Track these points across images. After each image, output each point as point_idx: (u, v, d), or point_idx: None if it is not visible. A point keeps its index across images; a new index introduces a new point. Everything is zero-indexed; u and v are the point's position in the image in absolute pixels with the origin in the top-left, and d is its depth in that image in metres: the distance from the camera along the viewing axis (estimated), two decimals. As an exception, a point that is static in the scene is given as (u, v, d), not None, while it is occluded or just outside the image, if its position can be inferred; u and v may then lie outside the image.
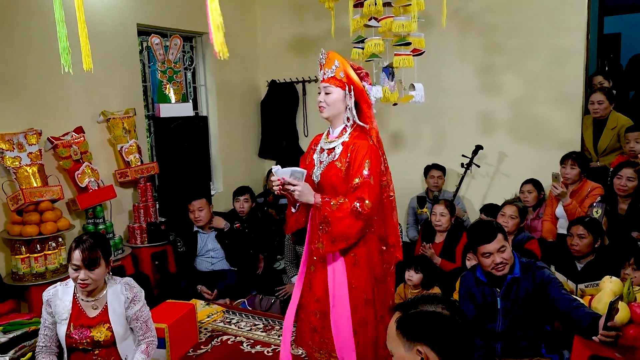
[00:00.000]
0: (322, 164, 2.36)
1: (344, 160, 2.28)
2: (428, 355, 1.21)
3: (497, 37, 4.52)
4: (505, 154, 4.65)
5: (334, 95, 2.30)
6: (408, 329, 1.25)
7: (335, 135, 2.37)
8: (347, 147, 2.29)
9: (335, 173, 2.30)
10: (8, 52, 3.43)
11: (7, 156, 3.36)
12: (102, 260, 2.24)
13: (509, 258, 2.40)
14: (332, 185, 2.31)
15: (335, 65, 2.28)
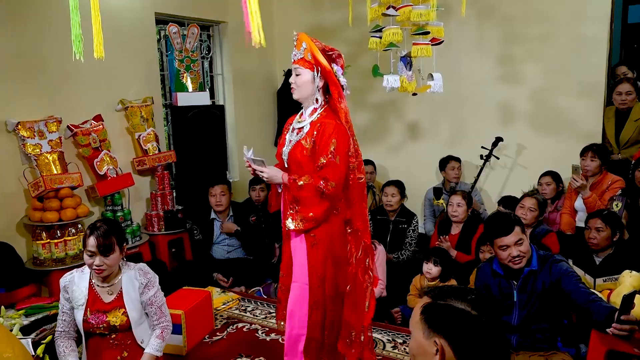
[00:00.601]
0: (290, 142, 2.42)
1: (309, 139, 2.33)
2: (444, 349, 1.21)
3: (518, 26, 4.43)
4: (524, 145, 4.59)
5: (303, 76, 2.34)
6: (432, 319, 1.25)
7: (306, 116, 2.41)
8: (314, 126, 2.33)
9: (300, 151, 2.34)
10: (30, 40, 3.47)
11: (28, 143, 3.42)
12: (117, 246, 2.27)
13: (526, 251, 2.37)
14: (299, 163, 2.36)
15: (303, 46, 2.33)
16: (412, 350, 1.30)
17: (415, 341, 1.27)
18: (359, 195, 2.43)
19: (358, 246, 2.46)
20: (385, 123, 5.24)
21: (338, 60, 2.38)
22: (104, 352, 2.30)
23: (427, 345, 1.23)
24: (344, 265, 2.45)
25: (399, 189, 4.10)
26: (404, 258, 3.97)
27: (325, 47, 2.36)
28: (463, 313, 1.22)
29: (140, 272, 2.38)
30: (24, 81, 3.44)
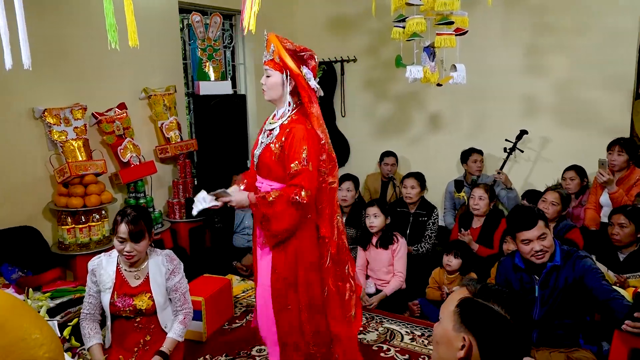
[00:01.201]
0: (261, 144, 2.36)
1: (277, 144, 2.26)
2: (472, 348, 1.21)
3: (546, 16, 4.34)
4: (548, 138, 4.50)
5: (273, 78, 2.28)
6: (467, 315, 1.24)
7: (278, 118, 2.35)
8: (283, 130, 2.27)
9: (269, 155, 2.29)
10: (57, 29, 3.53)
11: (54, 130, 3.48)
12: (146, 233, 2.32)
13: (549, 246, 2.34)
14: (267, 166, 2.31)
15: (272, 49, 2.26)
16: (437, 337, 1.31)
17: (443, 329, 1.27)
18: (328, 201, 2.34)
19: (324, 254, 2.35)
20: (407, 114, 5.20)
21: (309, 61, 2.30)
22: (128, 334, 2.36)
23: (453, 338, 1.23)
24: (317, 272, 2.36)
25: (418, 181, 4.07)
26: (424, 251, 3.95)
27: (297, 47, 2.28)
28: (499, 317, 1.22)
29: (167, 258, 2.42)
30: (50, 69, 3.50)
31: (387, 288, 3.54)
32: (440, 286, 3.40)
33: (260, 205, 2.21)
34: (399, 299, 3.52)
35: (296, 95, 2.32)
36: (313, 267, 2.34)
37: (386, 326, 3.24)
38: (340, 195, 3.96)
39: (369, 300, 3.48)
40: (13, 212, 3.37)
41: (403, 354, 2.91)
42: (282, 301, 2.34)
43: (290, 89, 2.29)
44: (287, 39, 2.30)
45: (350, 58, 5.43)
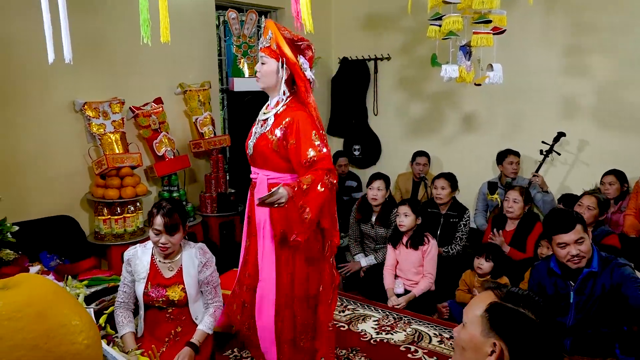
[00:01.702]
0: (255, 134, 2.35)
1: (274, 132, 2.23)
2: (503, 354, 1.19)
3: (588, 14, 4.20)
4: (587, 141, 4.37)
5: (268, 66, 2.25)
6: (497, 320, 1.21)
7: (272, 107, 2.33)
8: (280, 119, 2.23)
9: (265, 144, 2.26)
10: (97, 24, 3.62)
11: (93, 123, 3.58)
12: (181, 226, 2.36)
13: (586, 251, 2.27)
14: (263, 155, 2.29)
15: (269, 35, 2.23)
16: (462, 342, 1.27)
17: (470, 335, 1.25)
18: None
19: (325, 244, 2.37)
20: (441, 114, 5.13)
21: (306, 51, 2.25)
22: (160, 325, 2.41)
23: (482, 343, 1.21)
24: (316, 265, 2.35)
25: (449, 181, 4.01)
26: (454, 252, 3.90)
27: (295, 36, 2.24)
28: (530, 322, 1.20)
29: (200, 251, 2.46)
30: (91, 63, 3.60)
31: (416, 289, 3.51)
32: (471, 289, 3.35)
33: (297, 196, 2.09)
34: (428, 300, 3.49)
35: (290, 84, 2.29)
36: (313, 259, 2.35)
37: (414, 327, 3.21)
38: (370, 194, 3.95)
39: (397, 301, 3.46)
40: (52, 202, 3.48)
41: (431, 356, 2.88)
42: (289, 294, 2.33)
43: (286, 78, 2.26)
44: (286, 28, 2.26)
45: (384, 56, 5.40)
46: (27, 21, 3.19)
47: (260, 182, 2.35)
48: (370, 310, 3.44)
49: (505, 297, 1.25)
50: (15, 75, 3.26)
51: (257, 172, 2.36)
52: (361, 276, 3.93)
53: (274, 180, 2.30)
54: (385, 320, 3.30)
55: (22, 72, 3.28)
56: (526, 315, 1.20)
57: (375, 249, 4.03)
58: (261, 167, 2.34)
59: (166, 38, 1.41)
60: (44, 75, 3.34)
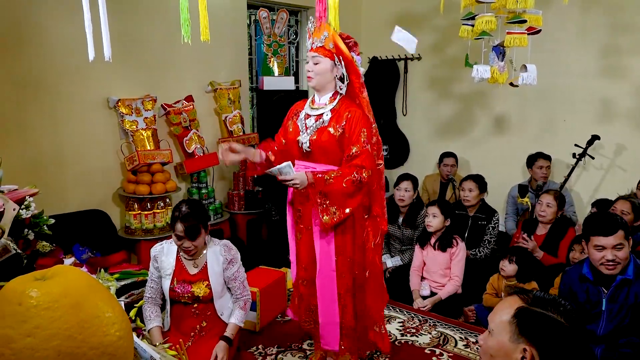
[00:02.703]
0: (308, 129, 2.35)
1: (337, 126, 2.28)
2: (534, 358, 1.16)
3: (626, 14, 4.08)
4: (624, 145, 4.24)
5: (322, 64, 2.29)
6: (526, 325, 1.19)
7: (323, 102, 2.36)
8: (340, 114, 2.29)
9: (328, 139, 2.28)
10: (131, 23, 3.70)
11: (126, 120, 3.66)
12: (202, 230, 2.38)
13: (623, 258, 2.20)
14: (324, 150, 2.31)
15: (324, 35, 2.26)
16: (491, 350, 1.25)
17: (498, 342, 1.22)
18: (377, 181, 2.43)
19: (377, 232, 2.46)
20: (471, 115, 5.06)
21: (355, 48, 2.36)
22: (186, 319, 2.45)
23: (511, 349, 1.19)
24: (363, 251, 2.44)
25: (477, 183, 3.95)
26: (482, 255, 3.84)
27: (342, 34, 2.31)
28: (559, 325, 1.17)
29: (225, 249, 2.49)
30: (125, 62, 3.68)
31: (443, 291, 3.47)
32: (498, 293, 3.29)
33: (318, 183, 2.23)
34: (454, 303, 3.44)
35: (339, 80, 2.36)
36: (361, 247, 2.42)
37: (440, 330, 3.18)
38: (397, 195, 3.93)
39: (423, 303, 3.43)
40: (85, 196, 3.57)
41: (456, 360, 2.85)
42: (349, 283, 2.39)
43: (338, 75, 2.32)
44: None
45: (414, 56, 5.35)
46: (67, 20, 3.28)
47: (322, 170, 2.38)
48: (396, 312, 3.42)
49: (532, 301, 1.23)
50: (53, 72, 3.36)
51: (314, 167, 2.36)
52: (387, 277, 3.91)
53: None
54: (411, 322, 3.28)
55: (60, 69, 3.38)
56: (555, 319, 1.18)
57: (401, 250, 4.00)
58: (318, 161, 2.36)
59: (206, 37, 1.43)
60: (81, 73, 3.43)
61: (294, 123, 2.44)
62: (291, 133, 2.43)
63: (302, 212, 2.45)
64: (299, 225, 2.48)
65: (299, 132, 2.39)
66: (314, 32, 2.31)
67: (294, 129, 2.43)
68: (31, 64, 3.26)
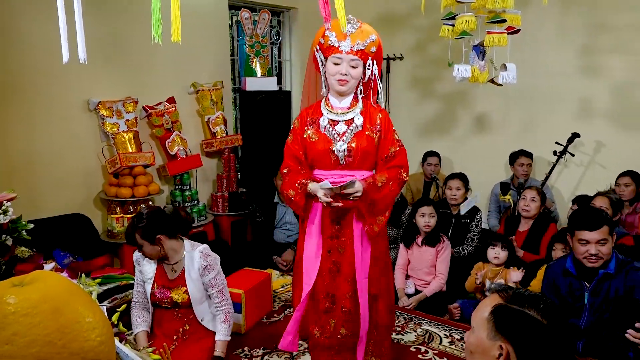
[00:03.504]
0: (344, 135, 2.23)
1: (373, 129, 2.24)
2: (509, 356, 1.17)
3: (604, 14, 4.15)
4: (602, 143, 4.32)
5: (360, 69, 2.21)
6: (502, 323, 1.20)
7: (345, 106, 2.28)
8: (371, 116, 2.25)
9: (368, 143, 2.23)
10: (111, 25, 3.65)
11: (107, 122, 3.61)
12: (143, 241, 2.31)
13: (606, 253, 2.24)
14: (366, 155, 2.25)
15: (371, 39, 2.19)
16: (471, 346, 1.27)
17: (477, 339, 1.23)
18: None
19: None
20: (453, 114, 5.10)
21: None
22: (169, 322, 2.43)
23: (489, 347, 1.20)
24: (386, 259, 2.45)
25: (463, 182, 3.99)
26: (465, 253, 3.87)
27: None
28: (536, 323, 1.18)
29: (200, 255, 2.42)
30: (105, 63, 3.63)
31: (428, 289, 3.50)
32: (483, 281, 3.30)
33: (370, 191, 2.17)
34: (439, 301, 3.47)
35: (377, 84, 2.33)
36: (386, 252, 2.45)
37: (425, 328, 3.20)
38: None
39: (408, 301, 3.45)
40: (66, 200, 3.52)
41: (441, 357, 2.87)
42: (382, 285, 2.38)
43: (364, 79, 2.28)
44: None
45: (396, 56, 5.38)
46: (44, 20, 3.23)
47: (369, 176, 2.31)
48: (381, 311, 3.43)
49: (511, 298, 1.23)
50: (31, 74, 3.30)
51: (350, 175, 2.23)
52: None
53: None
54: (396, 320, 3.29)
55: (38, 70, 3.32)
56: (532, 317, 1.18)
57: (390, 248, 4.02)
58: (357, 168, 2.25)
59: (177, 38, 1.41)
60: (59, 75, 3.38)
61: (318, 132, 2.27)
62: (319, 143, 2.26)
63: (342, 224, 2.31)
64: (340, 240, 2.32)
65: (331, 141, 2.24)
66: (355, 33, 2.18)
67: (320, 138, 2.26)
68: (8, 65, 3.20)
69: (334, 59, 2.20)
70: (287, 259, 4.17)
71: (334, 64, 2.21)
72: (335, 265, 2.35)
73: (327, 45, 2.22)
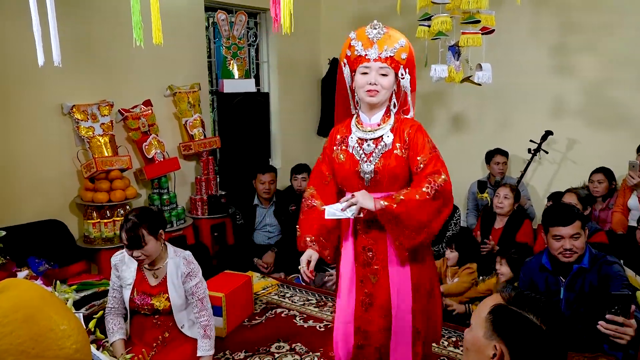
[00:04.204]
0: (371, 155, 2.05)
1: (403, 147, 2.04)
2: (504, 357, 1.18)
3: (575, 14, 4.25)
4: (575, 140, 4.41)
5: (390, 77, 2.02)
6: (500, 323, 1.20)
7: (375, 122, 2.09)
8: (401, 132, 2.06)
9: (397, 163, 2.03)
10: (85, 26, 3.59)
11: (82, 126, 3.55)
12: (150, 236, 2.26)
13: (580, 247, 2.30)
14: (395, 176, 2.05)
15: (400, 44, 2.00)
16: (467, 343, 1.28)
17: (474, 337, 1.24)
18: None
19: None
20: (429, 114, 5.15)
21: None
22: (147, 330, 2.39)
23: (484, 346, 1.20)
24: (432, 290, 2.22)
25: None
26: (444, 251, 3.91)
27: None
28: (534, 327, 1.17)
29: (184, 261, 2.40)
30: (79, 66, 3.57)
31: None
32: (443, 278, 3.48)
33: (388, 208, 1.94)
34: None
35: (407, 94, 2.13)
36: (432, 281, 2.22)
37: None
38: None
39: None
40: (40, 206, 3.45)
41: (423, 355, 2.89)
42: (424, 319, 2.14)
43: (396, 89, 2.09)
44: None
45: (373, 57, 5.40)
46: (16, 23, 3.16)
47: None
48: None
49: (512, 300, 1.22)
50: (1, 77, 3.23)
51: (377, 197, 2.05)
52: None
53: None
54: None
55: (8, 74, 3.25)
56: (530, 320, 1.17)
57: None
58: (386, 189, 2.06)
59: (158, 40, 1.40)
60: (31, 78, 3.31)
61: (346, 152, 2.11)
62: (345, 164, 2.10)
63: (374, 250, 2.11)
64: (372, 267, 2.12)
65: (358, 162, 2.07)
66: (382, 39, 1.99)
67: (347, 158, 2.10)
68: (-22, 70, 3.13)
69: (362, 69, 2.03)
70: (267, 261, 4.16)
71: (362, 75, 2.03)
72: (368, 297, 2.13)
73: (354, 57, 2.06)
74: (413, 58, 2.08)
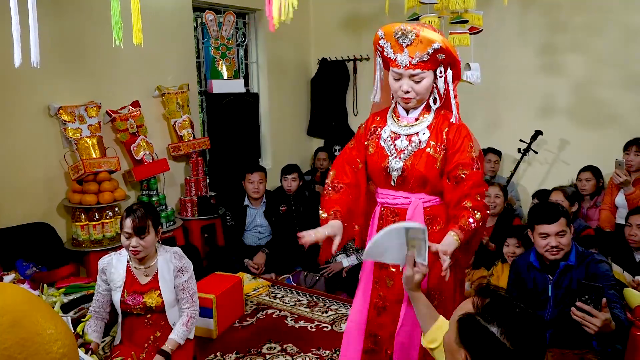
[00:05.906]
0: (402, 152, 1.94)
1: (438, 147, 1.91)
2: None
3: (562, 14, 4.29)
4: (564, 139, 4.45)
5: (427, 80, 1.88)
6: (466, 334, 1.17)
7: (413, 117, 1.97)
8: (438, 131, 1.92)
9: (428, 163, 1.90)
10: (72, 27, 3.56)
11: (69, 127, 3.52)
12: (152, 229, 2.31)
13: (566, 244, 2.32)
14: (423, 178, 1.93)
15: (433, 47, 1.81)
16: (444, 344, 1.28)
17: (449, 339, 1.24)
18: None
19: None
20: (420, 113, 5.17)
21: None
22: (138, 331, 2.38)
23: (455, 350, 1.20)
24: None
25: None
26: (435, 250, 3.93)
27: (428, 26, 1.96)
28: (499, 345, 1.11)
29: (175, 256, 2.42)
30: (66, 67, 3.53)
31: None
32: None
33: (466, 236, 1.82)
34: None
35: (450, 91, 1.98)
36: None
37: (397, 326, 3.23)
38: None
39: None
40: (28, 209, 3.41)
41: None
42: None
43: (436, 86, 1.94)
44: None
45: (363, 57, 5.42)
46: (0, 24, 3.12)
47: (415, 207, 1.96)
48: (354, 311, 3.45)
49: (483, 309, 1.16)
50: (-13, 79, 3.19)
51: (405, 197, 1.97)
52: (343, 276, 3.94)
53: (429, 204, 1.99)
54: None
55: (-6, 76, 3.21)
56: (495, 337, 1.11)
57: (357, 249, 4.04)
58: (414, 190, 1.96)
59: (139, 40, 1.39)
60: (17, 79, 3.27)
61: (377, 145, 2.00)
62: (374, 157, 1.99)
63: (394, 281, 2.00)
64: (388, 270, 2.03)
65: (386, 157, 1.96)
66: (412, 44, 1.82)
67: (376, 151, 1.99)
68: (-38, 71, 3.09)
69: (394, 74, 1.90)
70: (258, 261, 4.14)
71: (395, 80, 1.91)
72: (381, 300, 2.04)
73: (385, 56, 1.93)
74: (452, 54, 1.87)
